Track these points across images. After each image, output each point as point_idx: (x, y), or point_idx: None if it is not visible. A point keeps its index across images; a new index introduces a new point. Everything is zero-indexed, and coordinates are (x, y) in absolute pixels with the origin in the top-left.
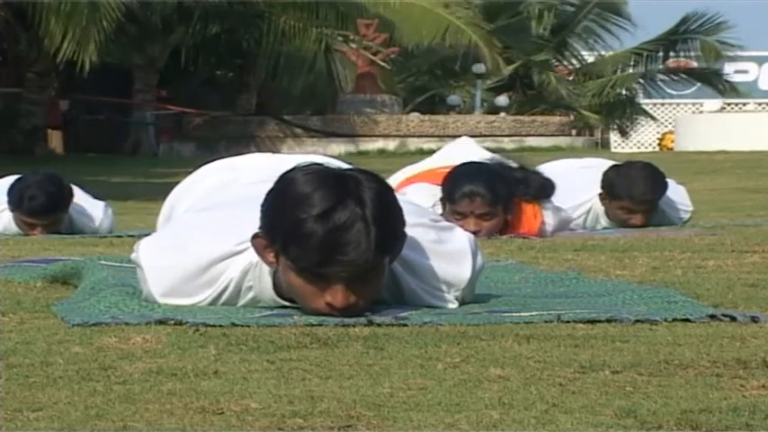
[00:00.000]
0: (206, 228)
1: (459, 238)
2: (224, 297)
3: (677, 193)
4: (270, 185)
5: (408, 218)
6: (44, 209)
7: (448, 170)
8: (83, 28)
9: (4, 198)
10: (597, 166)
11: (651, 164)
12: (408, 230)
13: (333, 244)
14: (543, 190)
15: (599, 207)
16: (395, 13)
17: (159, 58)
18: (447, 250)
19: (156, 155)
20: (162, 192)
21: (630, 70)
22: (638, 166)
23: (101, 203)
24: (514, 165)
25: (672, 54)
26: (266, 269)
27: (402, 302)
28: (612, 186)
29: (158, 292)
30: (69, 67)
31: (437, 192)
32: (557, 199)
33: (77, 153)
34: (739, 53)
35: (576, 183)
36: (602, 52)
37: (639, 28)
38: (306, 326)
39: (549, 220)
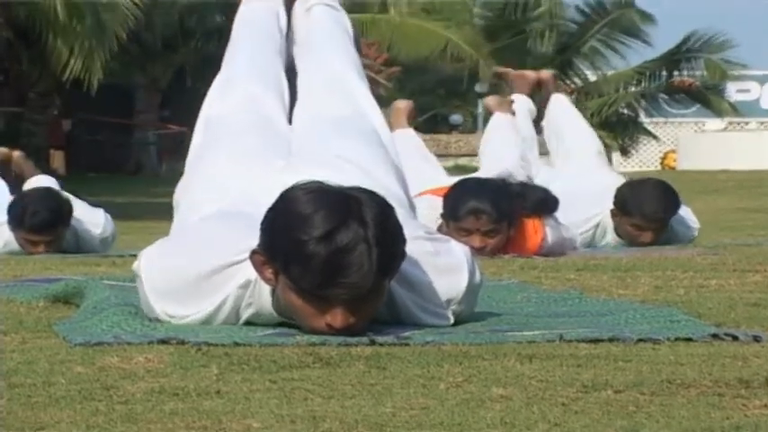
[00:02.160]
0: (207, 237)
1: (455, 251)
2: (221, 315)
3: (685, 212)
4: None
5: (404, 230)
6: (47, 224)
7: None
8: (90, 48)
9: (4, 213)
10: (608, 183)
11: (665, 182)
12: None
13: (335, 266)
14: (542, 204)
15: (608, 222)
16: (394, 32)
17: (161, 78)
18: (443, 263)
19: (159, 174)
20: (164, 211)
21: (633, 89)
22: (651, 183)
23: (99, 210)
24: (514, 180)
25: (675, 73)
26: (266, 285)
27: (398, 319)
28: (625, 203)
29: (154, 294)
30: (72, 86)
31: (438, 205)
32: (565, 213)
33: (79, 173)
34: (742, 72)
35: (586, 197)
36: (607, 72)
37: (652, 47)
38: (308, 345)
39: (549, 236)
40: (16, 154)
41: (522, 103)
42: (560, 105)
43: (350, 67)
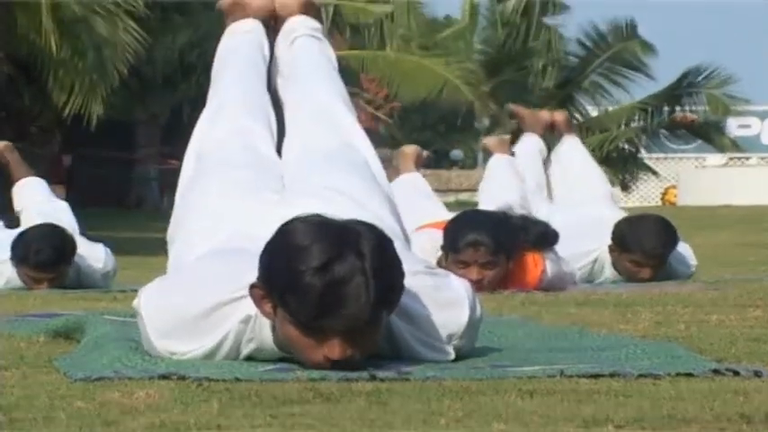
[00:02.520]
0: (206, 274)
1: (456, 286)
2: (223, 351)
3: (684, 249)
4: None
5: (404, 265)
6: (51, 262)
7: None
8: (90, 84)
9: (6, 251)
10: (607, 218)
11: (663, 218)
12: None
13: (332, 297)
14: (543, 238)
15: (606, 257)
16: (393, 69)
17: (161, 113)
18: (443, 297)
19: (159, 209)
20: (165, 247)
21: (634, 124)
22: (650, 219)
23: (99, 245)
24: (516, 213)
25: (677, 108)
26: (266, 321)
27: (398, 353)
28: (624, 239)
29: (154, 331)
30: (73, 122)
31: (438, 237)
32: (563, 246)
33: (80, 208)
34: (745, 108)
35: (585, 231)
36: (608, 107)
37: (654, 80)
38: (309, 380)
39: (549, 269)
40: (2, 145)
41: (534, 143)
42: (572, 145)
43: (336, 98)
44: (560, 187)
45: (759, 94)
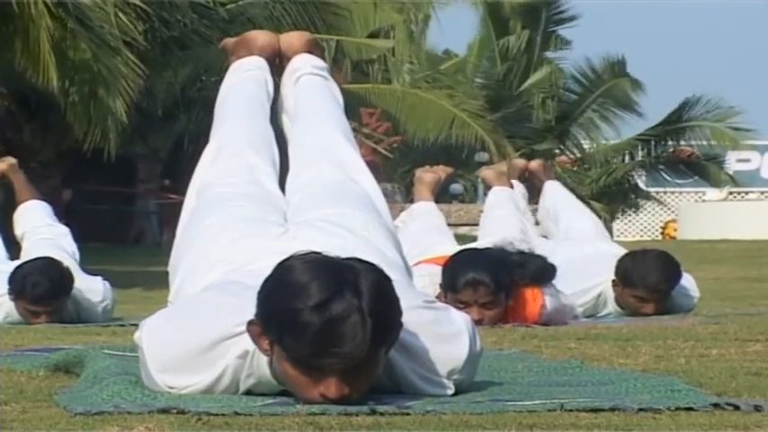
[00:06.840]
0: (207, 308)
1: (455, 319)
2: (221, 385)
3: (686, 280)
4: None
5: (402, 301)
6: (49, 295)
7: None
8: (102, 118)
9: (3, 285)
10: (609, 253)
11: (666, 253)
12: (403, 313)
13: (328, 336)
14: (541, 273)
15: (609, 292)
16: (400, 107)
17: (162, 147)
18: (443, 331)
19: (160, 244)
20: (164, 281)
21: (633, 158)
22: (653, 254)
23: (97, 278)
24: (513, 249)
25: (675, 143)
26: (265, 356)
27: (398, 388)
28: (627, 274)
29: (155, 365)
30: (72, 156)
31: (437, 272)
32: (566, 282)
33: (80, 242)
34: (748, 141)
35: (587, 267)
36: (605, 142)
37: (644, 117)
38: (308, 415)
39: (548, 303)
40: (6, 164)
41: (516, 187)
42: (554, 191)
43: (340, 135)
44: (552, 231)
45: (759, 129)
